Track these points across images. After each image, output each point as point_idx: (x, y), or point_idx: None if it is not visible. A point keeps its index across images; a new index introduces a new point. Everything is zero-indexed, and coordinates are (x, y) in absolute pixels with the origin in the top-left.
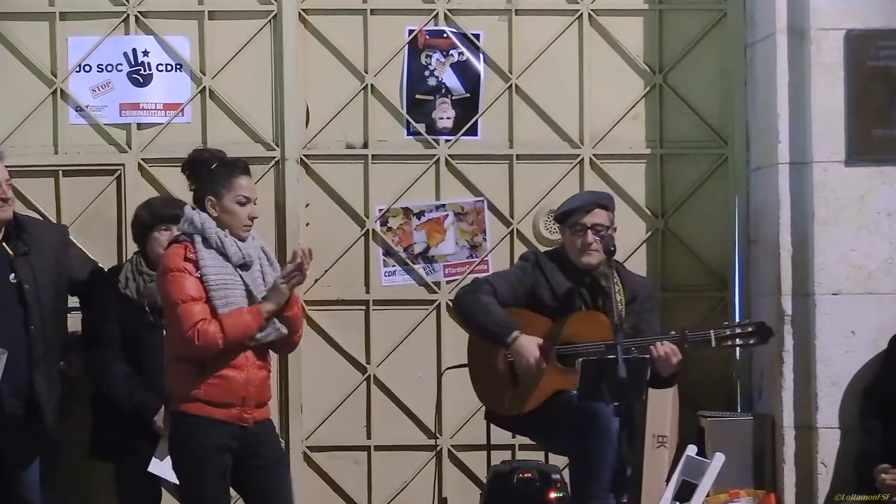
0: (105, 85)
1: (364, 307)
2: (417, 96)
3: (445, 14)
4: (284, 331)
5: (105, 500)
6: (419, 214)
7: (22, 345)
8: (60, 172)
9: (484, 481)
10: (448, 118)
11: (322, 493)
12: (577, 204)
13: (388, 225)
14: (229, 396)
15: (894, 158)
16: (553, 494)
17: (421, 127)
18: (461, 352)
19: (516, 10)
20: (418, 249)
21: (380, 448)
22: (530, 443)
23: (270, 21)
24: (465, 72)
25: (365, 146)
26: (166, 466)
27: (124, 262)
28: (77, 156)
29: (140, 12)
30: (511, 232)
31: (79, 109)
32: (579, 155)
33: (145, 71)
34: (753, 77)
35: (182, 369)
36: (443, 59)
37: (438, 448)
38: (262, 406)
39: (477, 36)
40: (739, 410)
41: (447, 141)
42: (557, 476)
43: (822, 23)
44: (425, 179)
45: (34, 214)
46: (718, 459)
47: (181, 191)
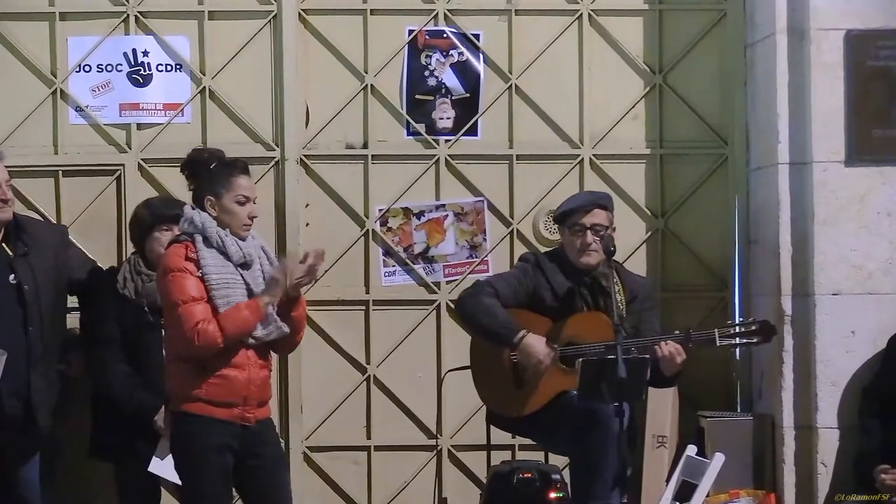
0: (105, 85)
1: (364, 307)
2: (417, 96)
3: (445, 14)
4: (286, 329)
5: (104, 501)
6: (419, 214)
7: (21, 345)
8: (60, 173)
9: (484, 481)
10: (448, 118)
11: (322, 494)
12: (577, 204)
13: (388, 225)
14: (231, 396)
15: (894, 158)
16: (553, 494)
17: (421, 127)
18: (461, 352)
19: (516, 11)
20: (418, 249)
21: (380, 448)
22: (530, 443)
23: (270, 21)
24: (465, 72)
25: (365, 146)
26: (166, 466)
27: (122, 263)
28: (77, 156)
29: (140, 12)
30: (511, 232)
31: (79, 109)
32: (579, 155)
33: (145, 71)
34: (753, 77)
35: (183, 369)
36: (443, 60)
37: (438, 448)
38: (264, 405)
39: (477, 36)
40: (739, 410)
41: (447, 141)
42: (557, 476)
43: (822, 23)
44: (425, 179)
45: (34, 215)
46: (718, 459)
47: (181, 191)
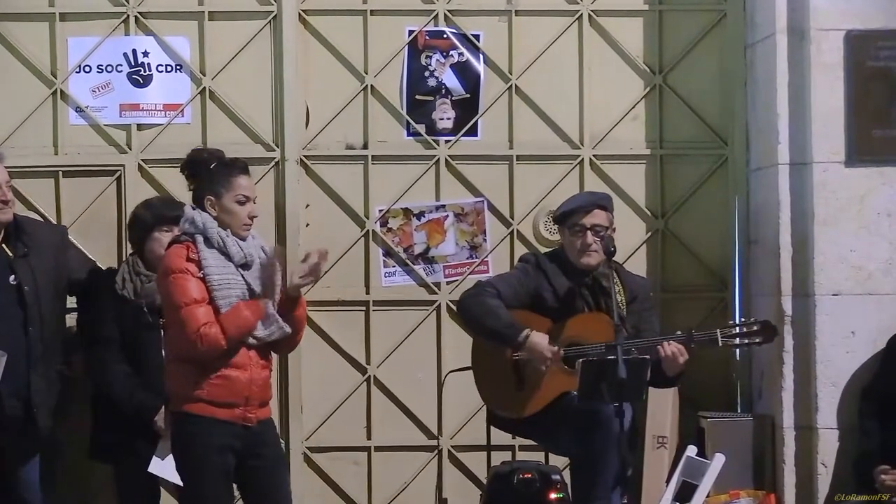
0: (105, 86)
1: (364, 308)
2: (417, 97)
3: (445, 15)
4: (288, 330)
5: (104, 501)
6: (419, 215)
7: (21, 346)
8: (60, 173)
9: (484, 482)
10: (448, 119)
11: (322, 494)
12: (577, 205)
13: (389, 226)
14: (233, 396)
15: (894, 159)
16: (553, 495)
17: (421, 127)
18: (461, 353)
19: (516, 11)
20: (418, 250)
21: (380, 449)
22: (531, 443)
23: (270, 22)
24: (465, 72)
25: (365, 147)
26: (166, 466)
27: (120, 263)
28: (77, 156)
29: (140, 13)
30: (511, 233)
31: (79, 110)
32: (579, 155)
33: (145, 72)
34: (753, 77)
35: (184, 369)
36: (443, 60)
37: (439, 449)
38: (265, 405)
39: (477, 37)
40: (739, 411)
41: (447, 141)
42: (558, 477)
43: (822, 23)
44: (425, 180)
45: (34, 215)
46: (718, 460)
47: (181, 191)
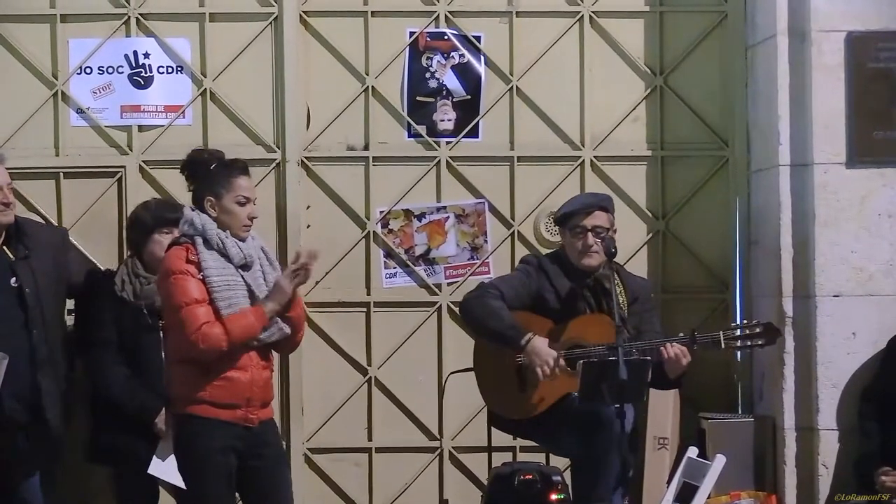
0: (106, 87)
1: (365, 309)
2: (418, 98)
3: (446, 16)
4: (288, 331)
5: (104, 502)
6: (420, 216)
7: (24, 348)
8: (61, 174)
9: (485, 483)
10: (449, 120)
11: (323, 495)
12: (578, 206)
13: (389, 227)
14: (234, 398)
15: (895, 160)
16: (554, 496)
17: (422, 129)
18: (462, 354)
19: (517, 12)
20: (419, 251)
21: (381, 450)
22: (532, 444)
23: (271, 23)
24: (466, 74)
25: (366, 148)
26: (166, 467)
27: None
28: (78, 158)
29: (141, 14)
30: (512, 234)
31: (80, 111)
32: (580, 157)
33: (146, 73)
34: (754, 79)
35: (186, 372)
36: (444, 61)
37: (439, 450)
38: (266, 406)
39: (478, 38)
40: (740, 412)
41: (448, 143)
42: (559, 478)
43: (823, 24)
44: (426, 181)
45: (35, 216)
46: (719, 461)
47: (182, 193)
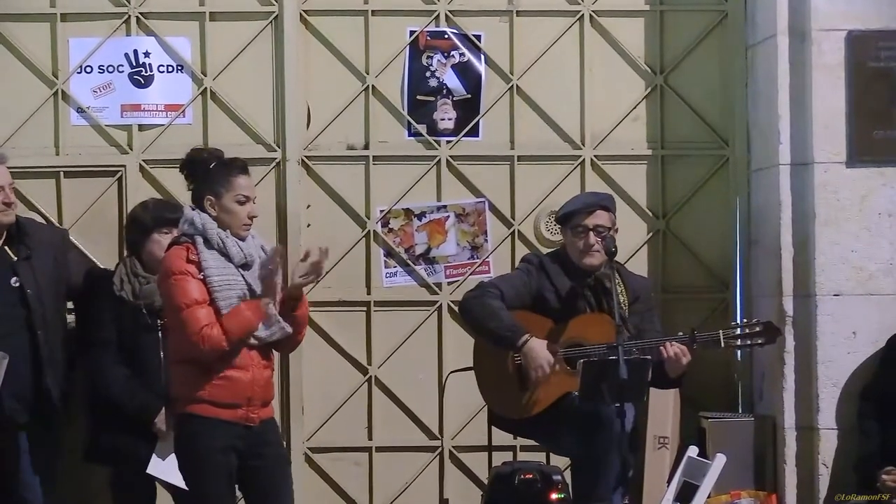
0: (106, 86)
1: (365, 308)
2: (418, 97)
3: (446, 15)
4: (289, 330)
5: (104, 502)
6: (420, 215)
7: (24, 348)
8: (62, 174)
9: (485, 482)
10: (449, 119)
11: (323, 495)
12: (579, 205)
13: (390, 226)
14: (235, 397)
15: (895, 159)
16: (554, 495)
17: (422, 128)
18: (462, 353)
19: (517, 12)
20: (419, 250)
21: (381, 449)
22: (532, 444)
23: (271, 22)
24: (467, 73)
25: (366, 147)
26: (166, 467)
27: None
28: (78, 157)
29: (141, 13)
30: (512, 233)
31: (80, 111)
32: (580, 156)
33: (146, 72)
34: (754, 78)
35: (187, 371)
36: (444, 61)
37: (440, 449)
38: (267, 405)
39: (478, 37)
40: (740, 411)
41: (448, 142)
42: (559, 477)
43: (823, 24)
44: (426, 180)
45: (35, 216)
46: (719, 460)
47: (183, 192)
